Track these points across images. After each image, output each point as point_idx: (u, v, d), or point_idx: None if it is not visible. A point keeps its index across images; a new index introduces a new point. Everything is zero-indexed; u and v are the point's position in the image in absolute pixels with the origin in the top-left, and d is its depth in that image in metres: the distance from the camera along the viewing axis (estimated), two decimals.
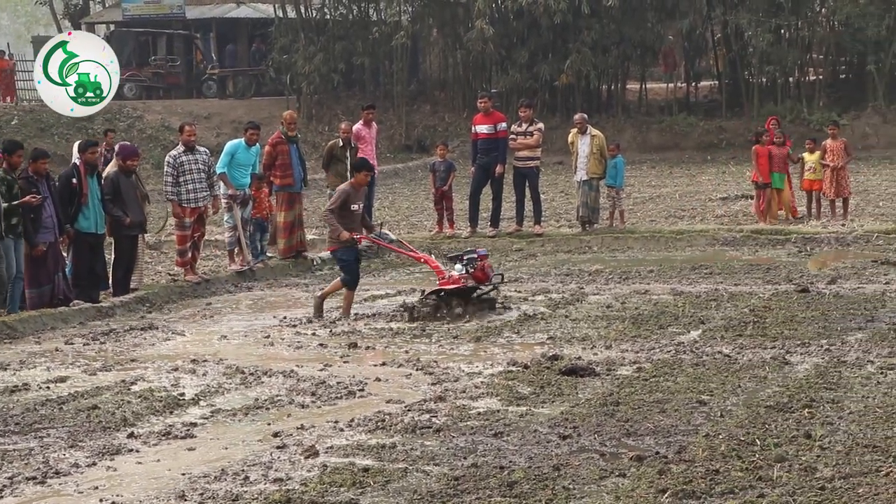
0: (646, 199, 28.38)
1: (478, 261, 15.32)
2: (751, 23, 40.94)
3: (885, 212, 23.98)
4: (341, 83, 46.18)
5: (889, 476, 8.03)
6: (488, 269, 15.42)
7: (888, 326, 13.32)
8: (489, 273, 15.41)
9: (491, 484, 8.19)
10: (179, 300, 16.90)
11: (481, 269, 15.26)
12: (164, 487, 8.45)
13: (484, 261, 15.42)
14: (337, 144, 20.59)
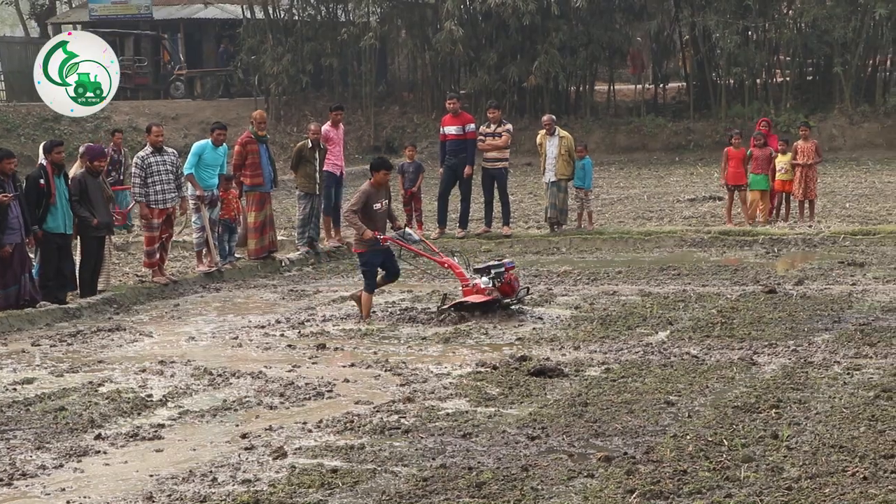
0: (614, 200, 28.44)
1: (505, 273, 15.07)
2: (718, 24, 41.11)
3: (852, 213, 24.11)
4: (309, 84, 46.14)
5: (855, 476, 8.08)
6: (515, 283, 15.18)
7: (854, 327, 13.39)
8: (516, 286, 15.17)
9: (459, 485, 8.20)
10: (147, 301, 16.83)
11: (508, 283, 15.03)
12: (132, 489, 8.42)
13: (510, 273, 15.18)
14: (306, 146, 20.54)
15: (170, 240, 18.14)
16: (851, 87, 41.56)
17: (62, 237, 15.95)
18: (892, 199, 26.65)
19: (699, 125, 42.19)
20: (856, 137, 40.27)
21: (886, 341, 12.60)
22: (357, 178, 35.60)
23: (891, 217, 23.27)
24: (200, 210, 18.33)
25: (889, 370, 11.32)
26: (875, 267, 17.89)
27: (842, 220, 22.89)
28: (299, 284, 18.27)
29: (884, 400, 10.16)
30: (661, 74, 46.78)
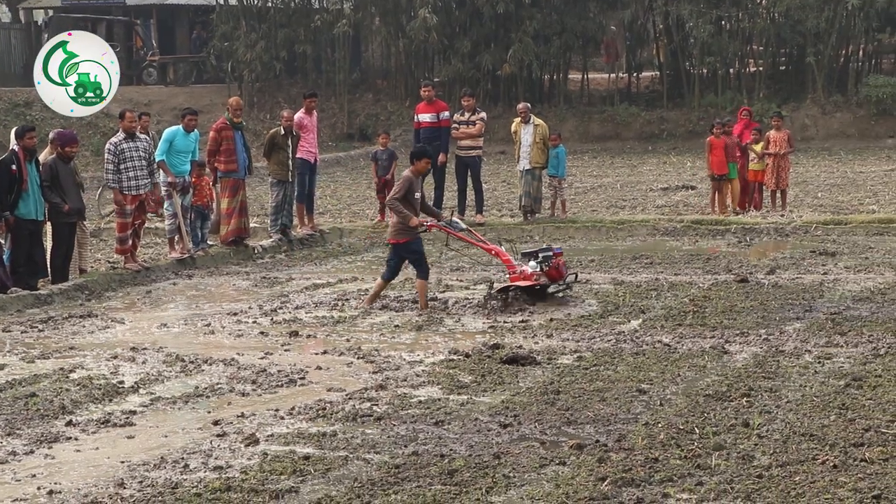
0: (587, 188, 28.47)
1: (553, 258, 14.91)
2: (692, 14, 41.14)
3: (824, 203, 24.20)
4: (283, 71, 45.95)
5: (825, 464, 8.12)
6: (562, 267, 15.05)
7: (826, 316, 13.46)
8: (563, 271, 15.06)
9: (431, 472, 8.21)
10: (119, 288, 16.78)
11: (555, 268, 14.90)
12: (103, 475, 8.40)
13: (559, 258, 15.02)
14: (279, 133, 20.49)
15: (142, 226, 18.09)
16: (824, 77, 41.68)
17: (34, 223, 15.87)
18: (864, 188, 26.76)
19: (672, 114, 42.23)
20: (828, 127, 40.39)
21: (857, 330, 12.66)
22: (330, 165, 35.65)
23: (862, 207, 23.36)
24: (172, 196, 18.27)
25: (859, 359, 11.38)
26: (846, 256, 17.97)
27: (814, 210, 22.97)
28: (272, 272, 18.24)
29: (854, 389, 10.21)
30: (634, 63, 46.78)
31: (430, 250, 19.83)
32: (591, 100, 44.89)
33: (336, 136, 43.35)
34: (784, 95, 41.90)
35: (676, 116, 41.92)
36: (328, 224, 22.78)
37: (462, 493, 7.80)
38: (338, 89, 45.26)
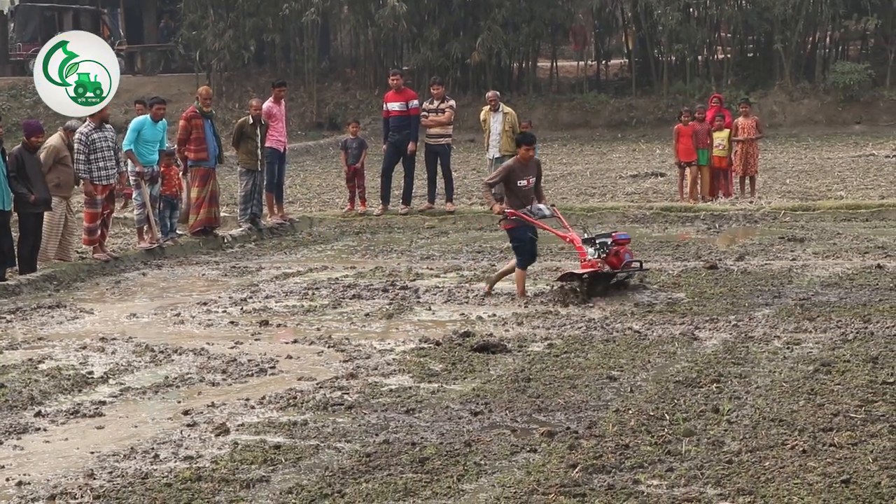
0: (557, 176, 28.50)
1: (612, 245, 14.45)
2: (660, 1, 41.20)
3: (792, 189, 24.30)
4: (251, 60, 45.84)
5: (794, 449, 8.16)
6: (623, 255, 14.52)
7: (794, 302, 13.51)
8: (623, 258, 14.52)
9: (402, 460, 8.21)
10: (88, 278, 16.70)
11: (615, 255, 14.42)
12: (73, 466, 8.37)
13: (621, 246, 14.54)
14: (247, 122, 20.43)
15: (111, 216, 18.01)
16: (791, 63, 41.84)
17: (0, 214, 15.76)
18: (832, 175, 26.89)
19: (641, 102, 42.32)
20: (796, 114, 40.56)
21: (826, 316, 12.71)
22: (300, 154, 35.59)
23: (830, 193, 23.48)
24: (141, 186, 18.20)
25: (828, 344, 11.43)
26: (815, 242, 18.05)
27: (782, 196, 23.07)
28: (242, 261, 18.19)
29: (823, 374, 10.25)
30: (603, 51, 46.85)
31: (401, 238, 19.91)
32: (560, 88, 44.93)
33: (305, 125, 43.29)
34: (752, 82, 42.05)
35: (645, 104, 42.02)
36: (298, 213, 22.75)
37: (433, 480, 7.80)
38: (307, 78, 45.16)
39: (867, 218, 20.40)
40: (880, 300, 13.49)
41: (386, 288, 15.25)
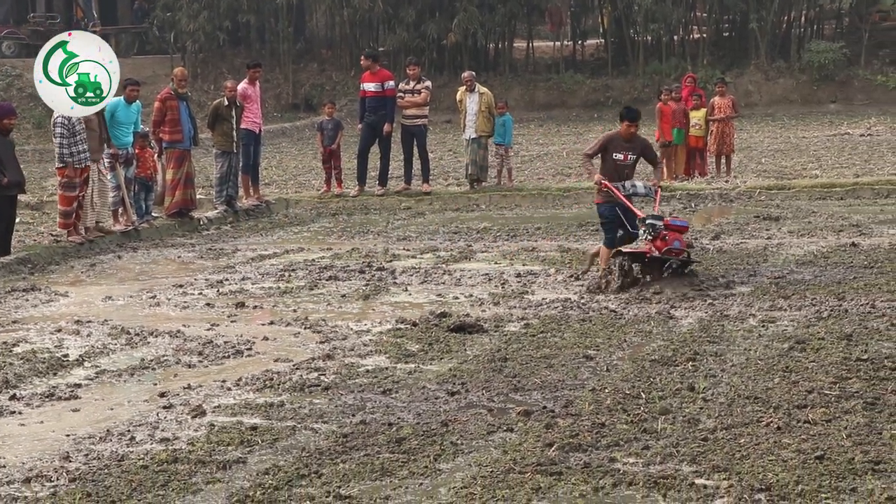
0: (533, 157, 28.52)
1: (662, 229, 13.48)
2: None
3: (767, 168, 24.37)
4: (227, 41, 45.68)
5: (769, 426, 8.19)
6: (672, 241, 13.43)
7: (769, 280, 13.56)
8: (669, 243, 13.40)
9: (379, 440, 8.21)
10: (63, 261, 16.62)
11: (661, 238, 13.43)
12: (49, 449, 8.34)
13: (674, 232, 13.54)
14: (222, 103, 20.38)
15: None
16: (767, 43, 41.95)
17: None
18: (807, 154, 26.98)
19: (618, 82, 42.37)
20: (771, 93, 40.68)
21: (800, 294, 12.76)
22: (276, 136, 35.52)
23: (805, 172, 23.56)
24: (115, 169, 18.12)
25: (803, 322, 11.48)
26: (790, 221, 18.11)
27: (758, 175, 23.13)
28: (218, 243, 18.16)
29: (798, 352, 10.29)
30: (579, 31, 46.88)
31: (377, 219, 19.89)
32: (537, 68, 44.94)
33: (281, 107, 43.19)
34: (728, 62, 42.14)
35: (621, 84, 42.07)
36: (274, 195, 22.72)
37: (410, 460, 7.80)
38: (282, 59, 45.06)
39: (842, 196, 20.49)
40: (854, 278, 13.55)
41: (362, 269, 15.23)
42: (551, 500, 7.09)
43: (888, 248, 15.35)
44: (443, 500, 7.15)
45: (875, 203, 19.88)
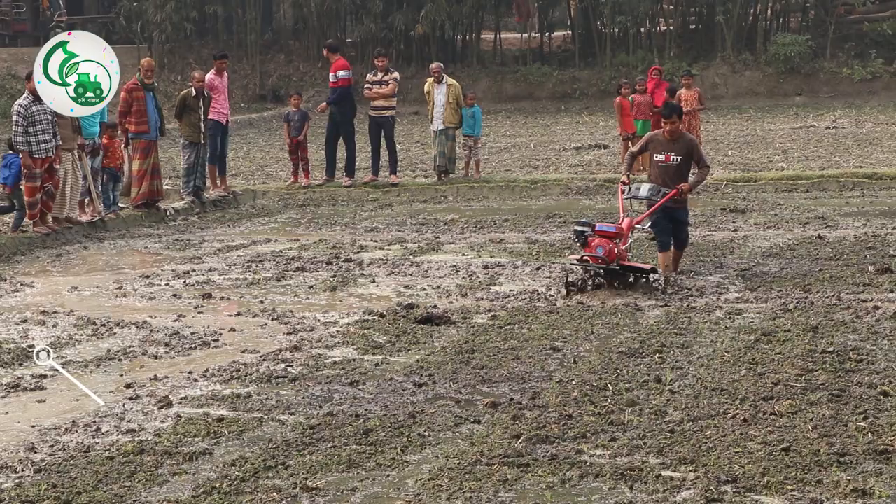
0: (501, 148, 28.52)
1: (590, 235, 12.72)
2: None
3: (734, 161, 24.44)
4: (193, 32, 45.46)
5: (736, 418, 8.23)
6: (595, 248, 12.60)
7: (736, 272, 13.61)
8: (603, 255, 12.60)
9: (347, 432, 8.21)
10: (28, 252, 16.52)
11: (588, 245, 12.66)
12: (14, 440, 8.30)
13: (607, 241, 12.65)
14: (189, 94, 20.30)
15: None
16: (733, 35, 42.05)
17: None
18: (773, 146, 27.08)
19: (585, 74, 42.39)
20: (738, 86, 40.78)
21: (766, 286, 12.82)
22: (243, 127, 35.40)
23: (771, 164, 23.65)
24: (82, 158, 18.02)
25: (769, 314, 11.54)
26: (756, 213, 18.19)
27: (724, 168, 23.20)
28: (185, 234, 18.09)
29: (764, 343, 10.35)
30: (546, 23, 46.87)
31: (345, 211, 19.86)
32: (504, 60, 44.91)
33: (248, 98, 43.05)
34: (694, 54, 42.23)
35: (589, 76, 42.09)
36: (241, 186, 22.65)
37: (377, 452, 7.81)
38: (249, 50, 44.90)
39: (808, 189, 20.59)
40: (820, 270, 13.62)
41: (330, 260, 15.22)
42: (518, 492, 7.11)
43: (853, 241, 15.43)
44: (410, 491, 7.16)
45: (840, 195, 19.97)
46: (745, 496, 6.92)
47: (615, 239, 12.76)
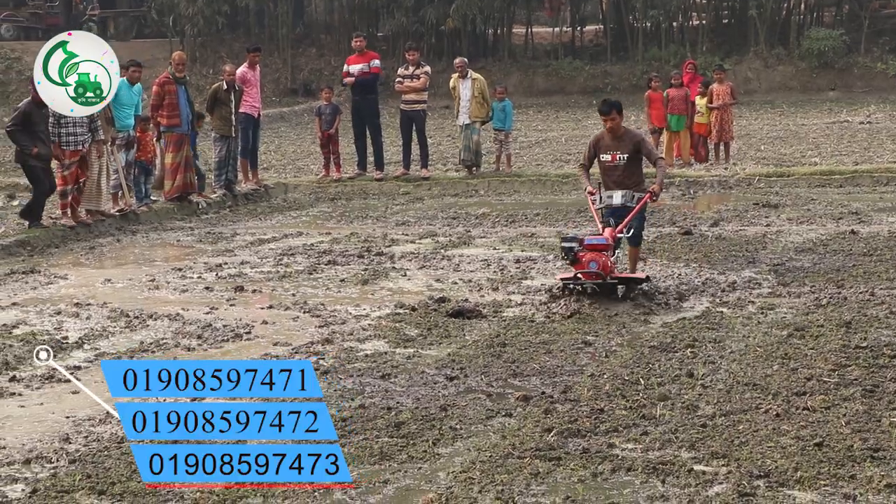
0: (532, 143, 28.50)
1: (578, 250, 11.98)
2: None
3: (766, 155, 24.35)
4: (225, 25, 45.60)
5: (768, 413, 8.20)
6: (588, 263, 11.90)
7: (768, 267, 13.56)
8: (589, 266, 11.90)
9: (378, 425, 8.22)
10: (62, 244, 16.62)
11: (579, 261, 11.94)
12: (48, 431, 8.35)
13: (591, 254, 11.97)
14: (221, 87, 20.37)
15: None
16: (766, 30, 41.89)
17: None
18: (806, 141, 26.96)
19: (616, 68, 42.31)
20: (770, 80, 40.63)
21: (799, 281, 12.77)
22: (274, 121, 35.46)
23: (804, 159, 23.54)
24: (114, 152, 18.08)
25: (802, 309, 11.49)
26: (789, 208, 18.12)
27: (757, 162, 23.12)
28: (216, 227, 18.16)
29: (796, 338, 10.30)
30: (578, 17, 46.79)
31: (376, 204, 19.88)
32: (536, 54, 44.88)
33: (280, 92, 43.13)
34: (727, 49, 42.08)
35: (620, 70, 42.01)
36: (273, 179, 22.71)
37: (409, 444, 7.82)
38: (281, 44, 44.98)
39: (841, 184, 20.50)
40: (854, 265, 13.55)
41: (361, 254, 15.24)
42: (550, 486, 7.10)
43: (887, 236, 15.36)
44: (441, 484, 7.16)
45: (874, 191, 19.89)
46: (778, 491, 6.90)
47: (606, 251, 12.14)
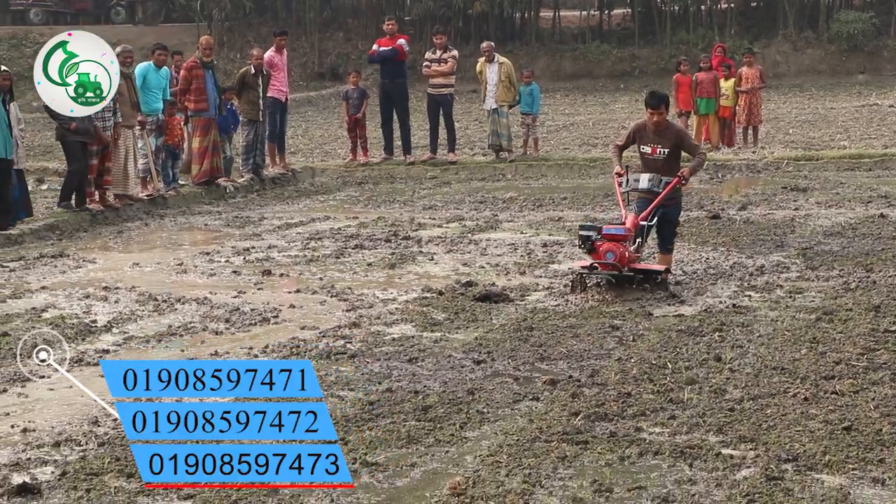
0: (559, 127, 28.45)
1: (597, 239, 11.74)
2: None
3: (795, 139, 24.25)
4: (252, 10, 45.63)
5: (796, 397, 8.18)
6: (605, 253, 11.61)
7: (797, 251, 13.51)
8: (605, 255, 11.61)
9: (405, 408, 8.23)
10: (90, 228, 16.69)
11: (596, 251, 11.70)
12: (77, 413, 8.40)
13: (614, 244, 11.68)
14: (248, 72, 20.38)
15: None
16: (795, 13, 41.68)
17: (2, 162, 15.73)
18: (835, 125, 26.83)
19: (644, 52, 42.19)
20: (799, 63, 40.45)
21: (828, 265, 12.72)
22: (301, 104, 35.51)
23: (833, 143, 23.43)
24: (143, 136, 18.14)
25: (830, 293, 11.44)
26: (817, 192, 18.04)
27: (785, 146, 23.02)
28: (244, 211, 18.19)
29: (825, 322, 10.27)
30: (605, 1, 46.65)
31: (403, 188, 19.88)
32: (563, 37, 44.76)
33: (307, 76, 43.16)
34: (755, 32, 41.91)
35: (648, 54, 41.89)
36: (300, 163, 22.74)
37: (436, 428, 7.83)
38: (308, 28, 44.99)
39: (870, 167, 20.40)
40: (883, 249, 13.49)
41: (388, 238, 15.25)
42: (577, 469, 7.10)
43: None
44: (469, 467, 7.17)
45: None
46: (806, 475, 6.89)
47: (624, 241, 11.81)
